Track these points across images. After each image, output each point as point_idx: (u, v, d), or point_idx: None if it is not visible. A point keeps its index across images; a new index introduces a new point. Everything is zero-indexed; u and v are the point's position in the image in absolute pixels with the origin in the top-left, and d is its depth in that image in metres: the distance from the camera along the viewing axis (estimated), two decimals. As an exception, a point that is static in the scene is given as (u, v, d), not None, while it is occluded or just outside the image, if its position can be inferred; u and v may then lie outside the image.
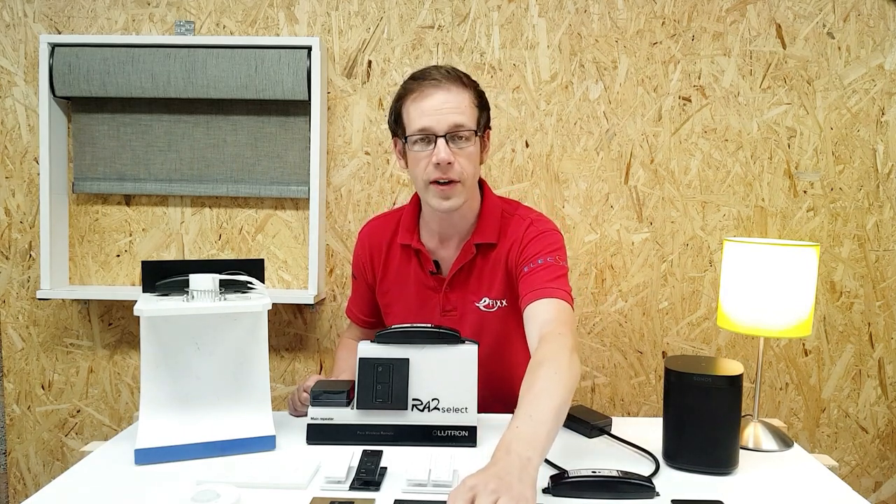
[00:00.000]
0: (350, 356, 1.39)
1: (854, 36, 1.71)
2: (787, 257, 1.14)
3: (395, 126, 1.23)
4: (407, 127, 1.19)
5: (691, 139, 1.75)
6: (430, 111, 1.15)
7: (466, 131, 1.17)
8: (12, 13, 1.75)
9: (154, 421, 1.00)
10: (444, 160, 1.14)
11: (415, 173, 1.21)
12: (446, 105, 1.15)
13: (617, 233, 1.77)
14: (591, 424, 1.14)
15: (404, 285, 1.32)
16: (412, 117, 1.17)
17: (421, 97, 1.16)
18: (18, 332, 1.82)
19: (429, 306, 1.30)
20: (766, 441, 1.12)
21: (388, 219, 1.36)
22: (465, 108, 1.17)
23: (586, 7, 1.72)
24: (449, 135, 1.15)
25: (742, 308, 1.18)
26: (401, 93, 1.21)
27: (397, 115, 1.22)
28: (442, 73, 1.18)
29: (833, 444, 1.81)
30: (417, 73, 1.20)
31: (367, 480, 0.93)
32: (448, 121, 1.15)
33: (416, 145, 1.18)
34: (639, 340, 1.80)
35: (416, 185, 1.23)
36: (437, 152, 1.15)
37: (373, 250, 1.35)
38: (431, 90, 1.16)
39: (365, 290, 1.40)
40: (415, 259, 1.30)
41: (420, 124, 1.16)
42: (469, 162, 1.18)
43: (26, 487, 1.86)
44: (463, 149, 1.17)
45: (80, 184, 1.77)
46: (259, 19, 1.74)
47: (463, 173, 1.17)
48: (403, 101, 1.20)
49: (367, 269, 1.37)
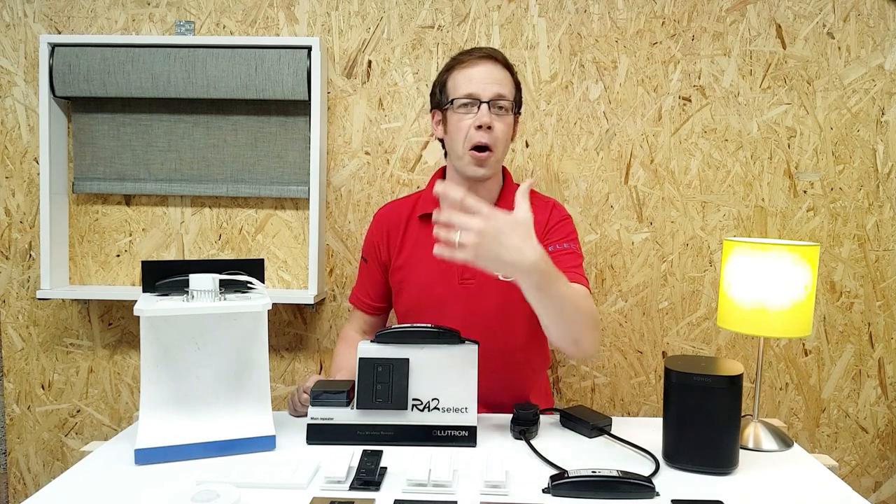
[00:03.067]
0: (349, 353, 1.39)
1: (854, 36, 1.71)
2: (787, 257, 1.14)
3: (440, 95, 1.34)
4: (452, 92, 1.30)
5: (691, 139, 1.75)
6: (476, 79, 1.27)
7: (507, 101, 1.29)
8: (12, 13, 1.75)
9: (154, 421, 1.00)
10: (486, 123, 1.25)
11: (455, 138, 1.30)
12: (492, 76, 1.28)
13: (617, 233, 1.77)
14: (591, 424, 1.14)
15: (420, 257, 1.37)
16: (459, 83, 1.28)
17: (470, 66, 1.28)
18: (18, 332, 1.82)
19: (447, 276, 1.34)
20: (766, 441, 1.12)
21: (406, 200, 1.45)
22: (507, 83, 1.30)
23: (586, 7, 1.72)
24: (492, 101, 1.26)
25: (742, 308, 1.18)
26: (450, 64, 1.32)
27: (443, 84, 1.33)
28: (489, 51, 1.31)
29: (833, 444, 1.81)
30: (466, 49, 1.34)
31: (367, 480, 0.93)
32: (492, 90, 1.27)
33: (461, 109, 1.28)
34: (639, 340, 1.80)
35: (454, 152, 1.32)
36: (481, 115, 1.25)
37: (390, 227, 1.41)
38: (479, 62, 1.28)
39: (376, 272, 1.44)
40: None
41: (467, 90, 1.27)
42: (504, 131, 1.29)
43: (26, 487, 1.86)
44: (502, 118, 1.28)
45: (80, 184, 1.77)
46: (259, 19, 1.74)
47: (497, 141, 1.28)
48: (451, 72, 1.31)
49: (381, 248, 1.42)
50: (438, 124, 1.36)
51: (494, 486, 0.92)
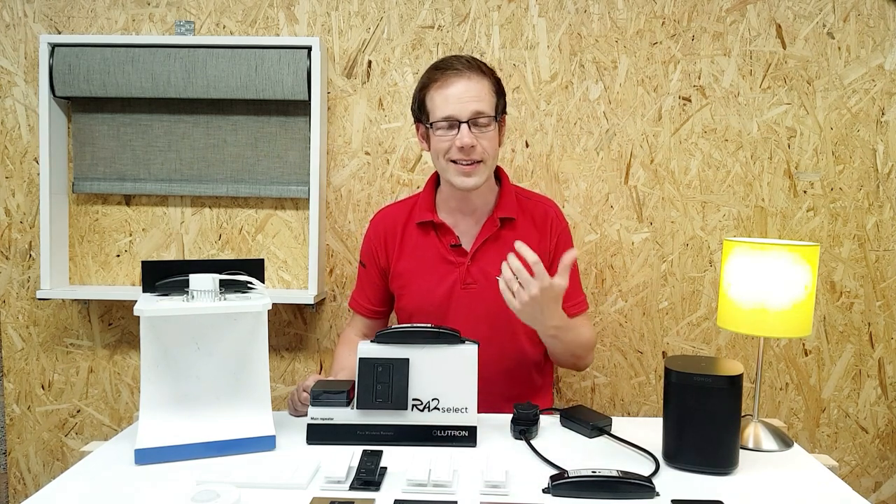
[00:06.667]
0: (350, 354, 1.39)
1: (854, 36, 1.71)
2: (787, 257, 1.14)
3: (419, 112, 1.32)
4: (431, 114, 1.28)
5: (691, 139, 1.75)
6: (453, 99, 1.24)
7: (486, 118, 1.26)
8: (12, 13, 1.75)
9: (154, 421, 1.00)
10: (468, 144, 1.24)
11: (439, 156, 1.29)
12: (468, 94, 1.25)
13: (617, 233, 1.77)
14: (591, 424, 1.14)
15: (421, 263, 1.37)
16: (436, 104, 1.26)
17: (444, 86, 1.25)
18: (18, 332, 1.82)
19: (448, 281, 1.35)
20: (766, 441, 1.12)
21: (402, 205, 1.44)
22: (485, 95, 1.27)
23: (586, 7, 1.72)
24: (471, 121, 1.24)
25: (742, 308, 1.18)
26: (424, 82, 1.29)
27: (421, 102, 1.31)
28: (463, 63, 1.27)
29: (833, 444, 1.81)
30: (439, 62, 1.29)
31: (367, 480, 0.93)
32: (470, 108, 1.24)
33: (440, 130, 1.26)
34: (639, 340, 1.80)
35: (438, 164, 1.32)
36: (461, 137, 1.24)
37: (387, 234, 1.41)
38: (454, 79, 1.25)
39: (376, 277, 1.44)
40: (433, 235, 1.37)
41: (444, 112, 1.25)
42: (490, 143, 1.28)
43: (26, 487, 1.86)
44: (484, 133, 1.26)
45: (80, 184, 1.77)
46: (259, 19, 1.74)
47: (485, 153, 1.27)
48: (427, 90, 1.28)
49: (379, 254, 1.41)
50: (423, 138, 1.35)
51: (494, 486, 0.91)
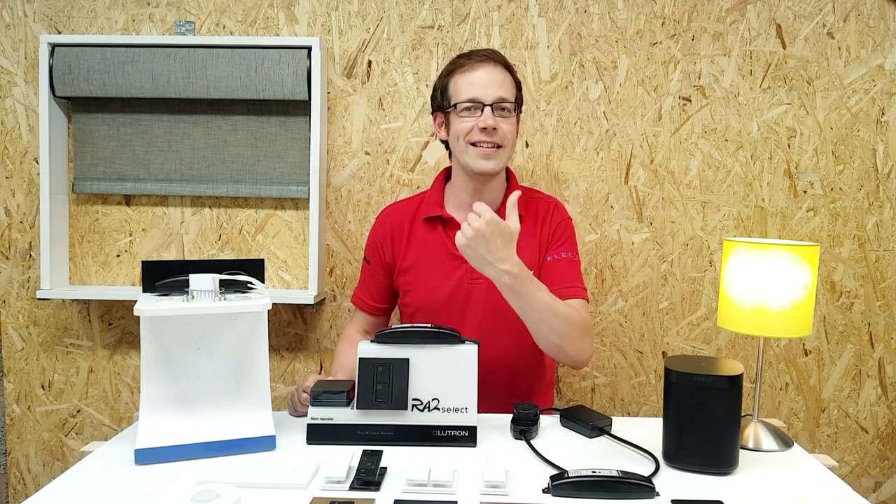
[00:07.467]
0: (351, 351, 1.40)
1: (854, 36, 1.71)
2: (787, 257, 1.14)
3: (441, 99, 1.35)
4: (454, 96, 1.31)
5: (691, 139, 1.75)
6: (478, 83, 1.28)
7: (509, 104, 1.30)
8: (12, 13, 1.75)
9: (154, 421, 1.00)
10: (491, 125, 1.27)
11: (459, 139, 1.31)
12: (493, 79, 1.29)
13: (617, 233, 1.77)
14: (592, 424, 1.14)
15: (428, 258, 1.38)
16: (461, 87, 1.30)
17: (470, 70, 1.30)
18: (18, 332, 1.82)
19: (454, 276, 1.36)
20: (766, 441, 1.12)
21: (409, 201, 1.46)
22: (508, 85, 1.31)
23: (586, 7, 1.72)
24: (494, 105, 1.28)
25: (742, 308, 1.18)
26: (450, 68, 1.33)
27: (444, 88, 1.34)
28: (488, 53, 1.32)
29: (833, 444, 1.81)
30: (465, 52, 1.34)
31: (367, 480, 0.93)
32: (494, 93, 1.28)
33: (464, 112, 1.29)
34: (639, 340, 1.80)
35: (457, 150, 1.33)
36: (485, 118, 1.27)
37: (394, 229, 1.42)
38: (480, 65, 1.30)
39: (380, 273, 1.45)
40: (441, 230, 1.38)
41: (469, 94, 1.28)
42: (511, 129, 1.31)
43: (26, 487, 1.86)
44: (506, 119, 1.30)
45: (80, 184, 1.77)
46: (259, 19, 1.74)
47: (505, 138, 1.30)
48: (452, 75, 1.32)
49: (385, 250, 1.42)
50: (441, 126, 1.38)
51: (494, 486, 0.92)
